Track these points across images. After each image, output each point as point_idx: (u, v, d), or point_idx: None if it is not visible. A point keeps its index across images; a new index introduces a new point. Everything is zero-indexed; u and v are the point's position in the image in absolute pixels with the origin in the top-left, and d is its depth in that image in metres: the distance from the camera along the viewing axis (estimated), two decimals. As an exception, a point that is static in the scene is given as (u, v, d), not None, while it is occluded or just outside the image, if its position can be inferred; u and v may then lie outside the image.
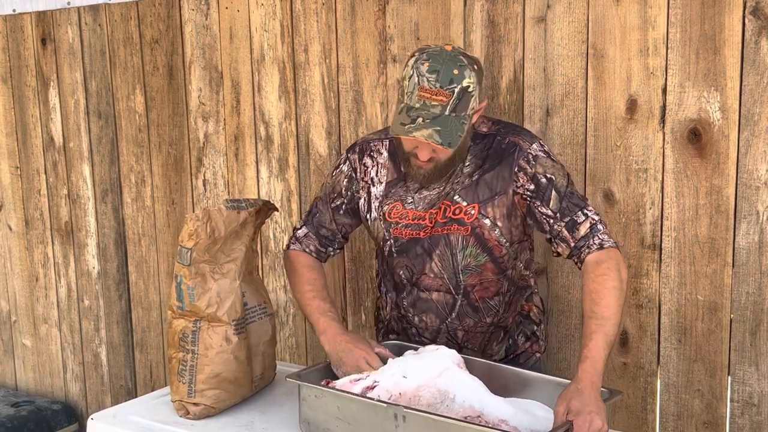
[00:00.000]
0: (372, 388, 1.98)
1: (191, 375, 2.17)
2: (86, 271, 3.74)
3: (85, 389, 3.88)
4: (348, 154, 2.35)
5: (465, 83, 2.02)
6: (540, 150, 2.17)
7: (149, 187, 3.46)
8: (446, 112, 2.02)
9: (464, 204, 2.19)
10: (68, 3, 3.54)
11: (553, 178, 2.13)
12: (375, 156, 2.30)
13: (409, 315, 2.32)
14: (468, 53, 2.11)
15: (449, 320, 2.28)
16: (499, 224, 2.18)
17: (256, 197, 3.13)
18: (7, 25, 3.75)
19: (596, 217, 2.12)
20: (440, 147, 2.05)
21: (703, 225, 2.34)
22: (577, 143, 2.49)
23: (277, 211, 2.54)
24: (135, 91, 3.41)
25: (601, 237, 2.09)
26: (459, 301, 2.26)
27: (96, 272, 3.71)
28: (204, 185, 3.29)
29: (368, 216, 2.30)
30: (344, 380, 2.05)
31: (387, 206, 2.26)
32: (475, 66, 2.07)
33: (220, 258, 2.20)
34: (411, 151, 2.13)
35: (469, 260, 2.21)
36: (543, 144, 2.20)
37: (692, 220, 2.36)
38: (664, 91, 2.34)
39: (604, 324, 1.96)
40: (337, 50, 2.89)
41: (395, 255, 2.27)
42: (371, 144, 2.33)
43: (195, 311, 2.16)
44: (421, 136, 2.01)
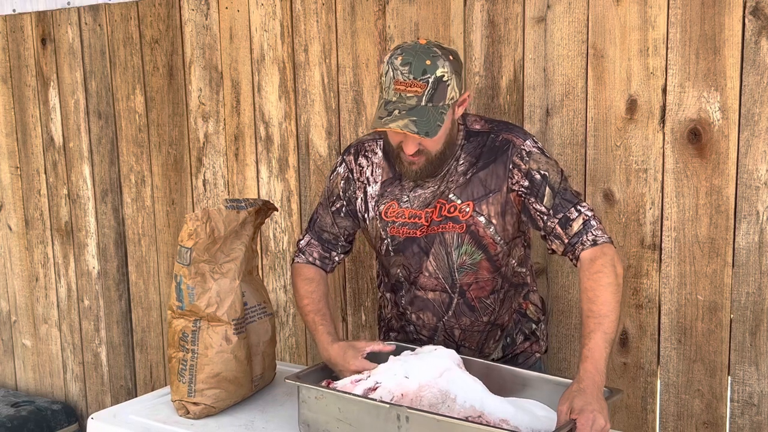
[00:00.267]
0: (374, 389, 1.97)
1: (191, 375, 2.17)
2: (86, 271, 3.74)
3: (85, 389, 3.88)
4: (344, 156, 2.35)
5: (439, 73, 2.03)
6: (534, 146, 2.17)
7: (149, 187, 3.46)
8: (422, 103, 2.03)
9: (459, 202, 2.19)
10: (68, 3, 3.54)
11: (547, 175, 2.14)
12: (370, 156, 2.31)
13: (407, 313, 2.33)
14: (444, 45, 2.12)
15: (446, 318, 2.28)
16: (494, 222, 2.19)
17: (256, 197, 3.13)
18: (7, 25, 3.75)
19: (589, 213, 2.12)
20: (424, 139, 2.06)
21: (703, 225, 2.34)
22: (577, 143, 2.49)
23: (277, 211, 2.54)
24: (135, 91, 3.41)
25: (595, 233, 2.09)
26: (455, 300, 2.26)
27: (96, 272, 3.71)
28: (204, 185, 3.29)
29: (366, 215, 2.31)
30: (345, 381, 2.05)
31: (383, 205, 2.27)
32: (450, 56, 2.07)
33: (220, 258, 2.20)
34: (399, 146, 2.14)
35: (465, 258, 2.21)
36: (536, 141, 2.20)
37: (692, 220, 2.35)
38: (664, 91, 2.34)
39: (603, 322, 1.96)
40: (337, 50, 2.89)
41: (392, 254, 2.27)
42: (365, 144, 2.33)
43: (195, 311, 2.16)
44: (397, 127, 2.02)
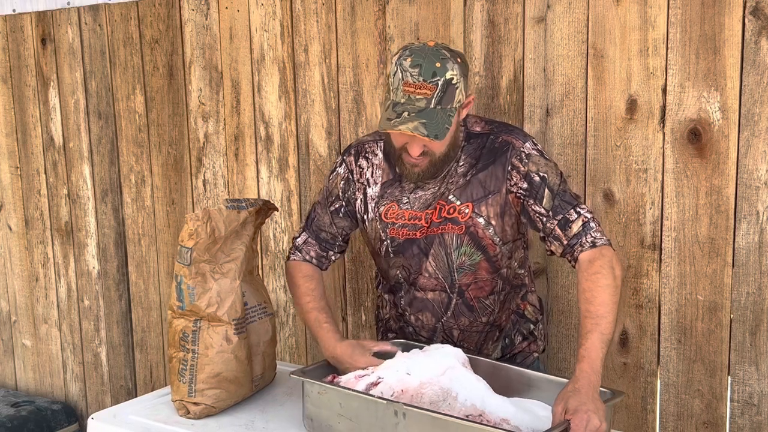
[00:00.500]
0: (376, 384, 1.99)
1: (191, 375, 2.17)
2: (86, 271, 3.74)
3: (85, 389, 3.88)
4: (344, 157, 2.35)
5: (448, 75, 2.03)
6: (533, 148, 2.17)
7: (149, 187, 3.46)
8: (431, 105, 2.03)
9: (458, 203, 2.19)
10: (68, 3, 3.54)
11: (546, 177, 2.14)
12: (370, 157, 2.30)
13: (406, 314, 2.33)
14: (451, 47, 2.12)
15: (444, 319, 2.28)
16: (493, 223, 2.19)
17: (256, 197, 3.13)
18: (7, 25, 3.75)
19: (589, 215, 2.11)
20: (430, 140, 2.05)
21: (703, 225, 2.34)
22: (577, 143, 2.49)
23: (277, 211, 2.54)
24: (135, 91, 3.41)
25: (594, 235, 2.09)
26: (454, 300, 2.26)
27: (96, 272, 3.71)
28: (204, 185, 3.29)
29: (365, 217, 2.30)
30: (349, 376, 2.06)
31: (383, 207, 2.26)
32: (458, 59, 2.07)
33: (220, 258, 2.20)
34: (402, 148, 2.13)
35: (464, 259, 2.21)
36: (536, 143, 2.20)
37: (692, 220, 2.36)
38: (664, 91, 2.34)
39: (600, 322, 1.96)
40: (337, 50, 2.89)
41: (392, 255, 2.27)
42: (366, 145, 2.33)
43: (195, 311, 2.16)
44: (407, 129, 2.02)
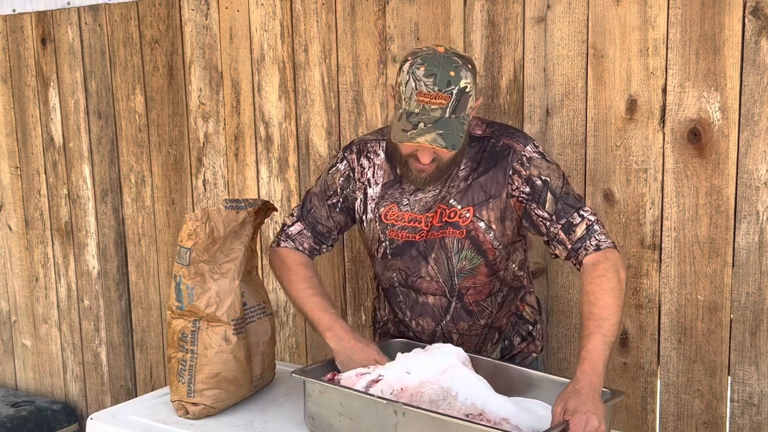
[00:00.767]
0: (376, 382, 1.99)
1: (190, 375, 2.17)
2: (86, 271, 3.74)
3: (85, 389, 3.88)
4: (345, 153, 2.33)
5: (462, 84, 2.01)
6: (534, 151, 2.16)
7: (149, 187, 3.46)
8: (446, 115, 2.00)
9: (459, 207, 2.18)
10: (68, 3, 3.54)
11: (549, 180, 2.12)
12: (372, 157, 2.29)
13: (406, 319, 2.32)
14: (460, 52, 2.10)
15: (444, 323, 2.27)
16: (494, 227, 2.18)
17: (256, 197, 3.13)
18: (7, 25, 3.75)
19: (593, 218, 2.10)
20: (432, 147, 2.03)
21: (703, 225, 2.34)
22: (577, 143, 2.49)
23: (276, 211, 2.53)
24: (135, 91, 3.41)
25: (598, 238, 2.08)
26: (453, 304, 2.25)
27: (96, 272, 3.71)
28: (204, 185, 3.29)
29: (364, 217, 2.30)
30: (350, 373, 2.06)
31: (383, 208, 2.25)
32: (469, 65, 2.05)
33: (219, 258, 2.20)
34: (411, 154, 2.11)
35: (464, 263, 2.20)
36: (537, 145, 2.18)
37: (692, 220, 2.35)
38: (664, 91, 2.34)
39: (603, 325, 1.95)
40: (337, 50, 2.88)
41: (390, 257, 2.26)
42: (368, 144, 2.31)
43: (194, 311, 2.16)
44: (425, 142, 2.00)
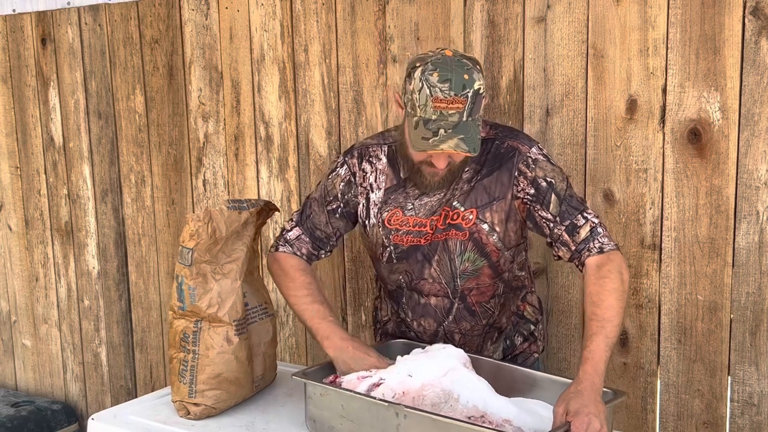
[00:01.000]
0: (377, 385, 1.99)
1: (192, 375, 2.17)
2: (86, 271, 3.74)
3: (85, 389, 3.88)
4: (346, 158, 2.32)
5: (476, 86, 2.01)
6: (539, 153, 2.16)
7: (149, 187, 3.46)
8: (464, 119, 2.00)
9: (462, 209, 2.18)
10: (68, 3, 3.54)
11: (553, 182, 2.13)
12: (374, 161, 2.28)
13: (408, 319, 2.32)
14: (466, 54, 2.11)
15: (446, 324, 2.27)
16: (497, 229, 2.18)
17: (257, 197, 3.13)
18: (7, 25, 3.75)
19: (596, 220, 2.11)
20: (457, 152, 2.03)
21: (703, 225, 2.34)
22: (577, 143, 2.49)
23: (278, 212, 2.54)
24: (135, 91, 3.41)
25: (602, 240, 2.08)
26: (456, 305, 2.25)
27: (96, 272, 3.71)
28: (204, 185, 3.29)
29: (367, 222, 2.29)
30: (352, 376, 2.06)
31: (386, 213, 2.25)
32: (478, 66, 2.06)
33: (221, 258, 2.20)
34: (424, 160, 2.11)
35: (467, 265, 2.20)
36: (541, 147, 2.19)
37: (692, 220, 2.36)
38: (664, 91, 2.34)
39: (605, 326, 1.95)
40: (337, 50, 2.89)
41: (395, 261, 2.26)
42: (370, 149, 2.30)
43: (196, 311, 2.16)
44: (449, 148, 2.00)
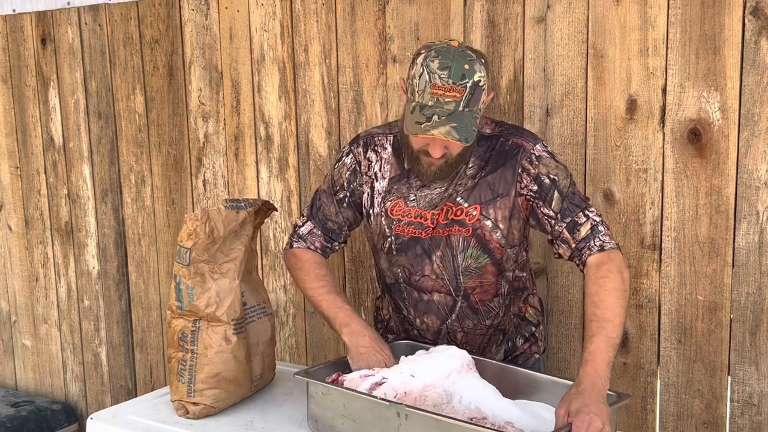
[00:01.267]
0: (380, 384, 1.98)
1: (190, 375, 2.17)
2: (86, 271, 3.74)
3: (85, 389, 3.88)
4: (352, 147, 2.33)
5: (476, 78, 2.02)
6: (543, 150, 2.16)
7: (149, 187, 3.46)
8: (460, 108, 2.01)
9: (466, 205, 2.18)
10: (68, 3, 3.54)
11: (556, 179, 2.13)
12: (379, 151, 2.29)
13: (410, 317, 2.32)
14: (473, 47, 2.11)
15: (449, 322, 2.27)
16: (501, 226, 2.18)
17: (256, 197, 3.13)
18: (7, 25, 3.75)
19: (598, 219, 2.11)
20: (453, 142, 2.04)
21: (703, 225, 2.34)
22: (577, 143, 2.49)
23: (276, 211, 2.54)
24: (135, 91, 3.41)
25: (602, 238, 2.08)
26: (459, 303, 2.25)
27: (96, 272, 3.71)
28: (204, 185, 3.29)
29: (371, 211, 2.30)
30: (354, 375, 2.06)
31: (389, 202, 2.25)
32: (483, 59, 2.06)
33: (219, 258, 2.20)
34: (421, 149, 2.11)
35: (470, 262, 2.20)
36: (546, 145, 2.19)
37: (692, 220, 2.35)
38: (664, 91, 2.34)
39: (606, 326, 1.95)
40: (337, 50, 2.88)
41: (394, 252, 2.26)
42: (375, 138, 2.31)
43: (194, 311, 2.16)
44: (440, 134, 2.00)
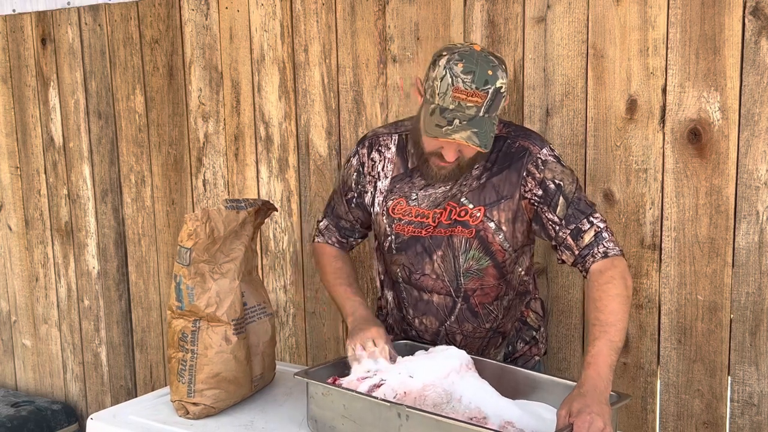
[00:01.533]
0: (378, 386, 1.98)
1: (191, 375, 2.17)
2: (86, 271, 3.74)
3: (85, 389, 3.88)
4: (358, 148, 2.34)
5: (498, 84, 2.00)
6: (550, 155, 2.15)
7: (149, 187, 3.46)
8: (480, 114, 2.00)
9: (470, 206, 2.17)
10: (68, 3, 3.54)
11: (562, 184, 2.12)
12: (383, 150, 2.29)
13: (409, 317, 2.32)
14: (494, 53, 2.09)
15: (448, 324, 2.27)
16: (504, 228, 2.17)
17: (256, 197, 3.13)
18: (7, 25, 3.75)
19: (602, 225, 2.09)
20: (468, 146, 2.03)
21: (703, 225, 2.34)
22: (577, 143, 2.49)
23: (277, 211, 2.54)
24: (135, 91, 3.41)
25: (606, 245, 2.07)
26: (459, 305, 2.25)
27: (96, 272, 3.70)
28: (204, 185, 3.29)
29: (373, 210, 2.30)
30: (351, 377, 2.06)
31: (391, 201, 2.26)
32: (504, 66, 2.05)
33: (220, 258, 2.20)
34: (434, 152, 2.10)
35: (471, 263, 2.20)
36: (553, 149, 2.18)
37: (692, 220, 2.35)
38: (664, 91, 2.34)
39: (609, 330, 1.94)
40: (337, 50, 2.88)
41: (395, 252, 2.27)
42: (380, 138, 2.32)
43: (194, 311, 2.16)
44: (461, 139, 1.99)
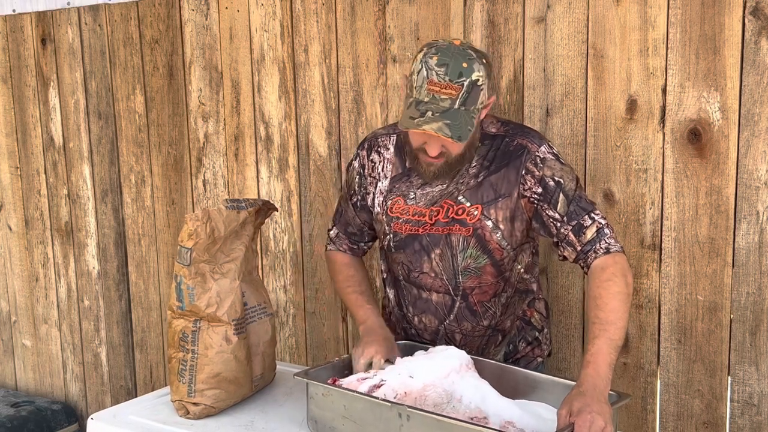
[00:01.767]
0: (378, 387, 1.98)
1: (191, 375, 2.17)
2: (86, 272, 3.74)
3: (85, 389, 3.88)
4: (359, 150, 2.35)
5: (474, 77, 2.01)
6: (549, 152, 2.15)
7: (149, 187, 3.46)
8: (456, 106, 2.01)
9: (468, 204, 2.18)
10: (68, 3, 3.54)
11: (561, 182, 2.12)
12: (382, 151, 2.30)
13: (409, 315, 2.32)
14: (477, 48, 2.10)
15: (447, 322, 2.27)
16: (502, 227, 2.17)
17: (256, 197, 3.13)
18: (7, 25, 3.75)
19: (603, 221, 2.10)
20: (450, 141, 2.03)
21: (703, 225, 2.34)
22: (577, 143, 2.49)
23: (277, 211, 2.54)
24: (135, 91, 3.41)
25: (608, 241, 2.07)
26: (457, 303, 2.25)
27: (96, 272, 3.71)
28: (204, 185, 3.29)
29: (374, 210, 2.31)
30: (351, 378, 2.06)
31: (390, 201, 2.26)
32: (484, 60, 2.06)
33: (220, 258, 2.20)
34: (420, 147, 2.12)
35: (469, 261, 2.20)
36: (552, 146, 2.17)
37: (692, 220, 2.35)
38: (664, 91, 2.34)
39: (608, 328, 1.94)
40: (337, 50, 2.89)
41: (393, 250, 2.27)
42: (379, 139, 2.33)
43: (195, 311, 2.16)
44: (431, 129, 2.00)
